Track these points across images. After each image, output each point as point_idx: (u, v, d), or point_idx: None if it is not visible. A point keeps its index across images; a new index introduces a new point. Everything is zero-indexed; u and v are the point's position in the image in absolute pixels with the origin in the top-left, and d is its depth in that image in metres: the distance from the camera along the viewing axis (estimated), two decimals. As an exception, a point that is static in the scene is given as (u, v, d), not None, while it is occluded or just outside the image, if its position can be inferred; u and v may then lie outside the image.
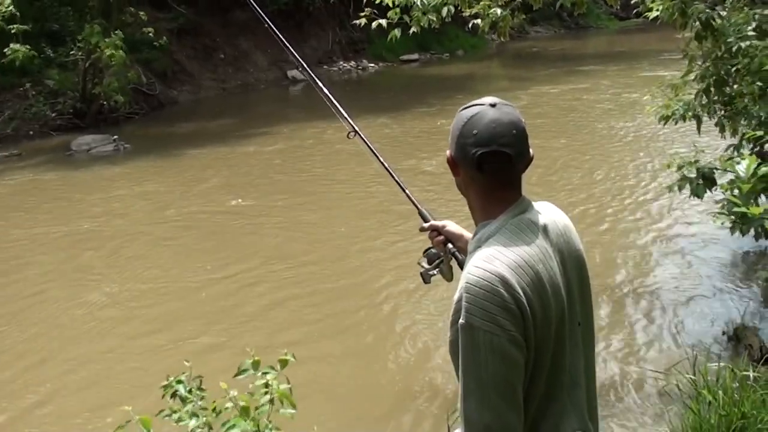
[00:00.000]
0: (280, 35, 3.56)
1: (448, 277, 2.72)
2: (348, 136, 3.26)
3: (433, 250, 2.74)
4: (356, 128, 3.22)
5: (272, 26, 3.59)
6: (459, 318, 1.91)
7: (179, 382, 3.07)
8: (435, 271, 2.72)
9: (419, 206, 2.87)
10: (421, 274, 2.75)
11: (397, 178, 3.03)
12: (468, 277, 1.94)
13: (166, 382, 3.09)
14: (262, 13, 3.70)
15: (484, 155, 1.99)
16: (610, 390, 6.01)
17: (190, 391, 3.03)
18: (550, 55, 30.88)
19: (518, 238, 2.01)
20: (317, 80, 3.43)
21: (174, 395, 3.06)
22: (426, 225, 2.77)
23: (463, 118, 2.06)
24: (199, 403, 3.02)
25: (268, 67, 26.33)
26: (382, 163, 3.06)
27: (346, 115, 3.26)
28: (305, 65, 3.57)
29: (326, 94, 3.36)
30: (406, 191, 2.97)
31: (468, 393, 1.91)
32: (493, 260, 1.94)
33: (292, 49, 3.61)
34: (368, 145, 3.14)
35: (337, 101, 3.32)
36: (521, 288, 1.91)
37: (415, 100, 21.10)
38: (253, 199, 12.31)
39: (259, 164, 14.87)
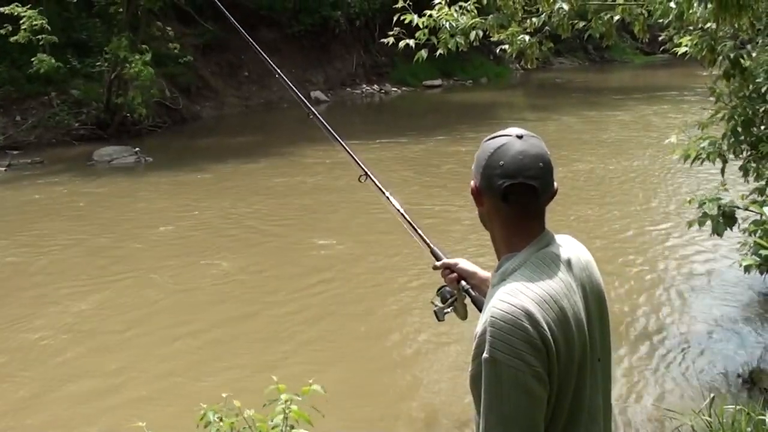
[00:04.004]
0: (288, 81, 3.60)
1: (462, 314, 2.69)
2: (359, 180, 3.26)
3: (446, 288, 2.71)
4: (368, 171, 3.22)
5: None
6: (482, 351, 1.88)
7: (212, 410, 3.07)
8: (449, 309, 2.69)
9: (431, 245, 2.86)
10: (434, 312, 2.73)
11: (409, 218, 3.00)
12: (493, 311, 1.90)
13: (202, 411, 3.10)
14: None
15: (511, 187, 1.97)
16: (625, 428, 5.95)
17: (220, 419, 3.03)
18: (573, 87, 30.90)
19: (543, 272, 1.98)
20: (331, 130, 3.47)
21: (207, 425, 3.07)
22: (439, 263, 2.75)
23: (489, 148, 2.02)
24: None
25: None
26: (393, 205, 3.05)
27: (357, 159, 3.28)
28: (319, 115, 3.58)
29: (339, 141, 3.41)
30: (419, 231, 2.95)
31: (489, 428, 1.88)
32: (519, 294, 1.91)
33: (302, 98, 3.65)
34: (380, 189, 3.12)
35: (347, 145, 3.35)
36: (546, 323, 1.88)
37: (439, 125, 21.11)
38: (273, 220, 12.32)
39: (279, 184, 14.86)
